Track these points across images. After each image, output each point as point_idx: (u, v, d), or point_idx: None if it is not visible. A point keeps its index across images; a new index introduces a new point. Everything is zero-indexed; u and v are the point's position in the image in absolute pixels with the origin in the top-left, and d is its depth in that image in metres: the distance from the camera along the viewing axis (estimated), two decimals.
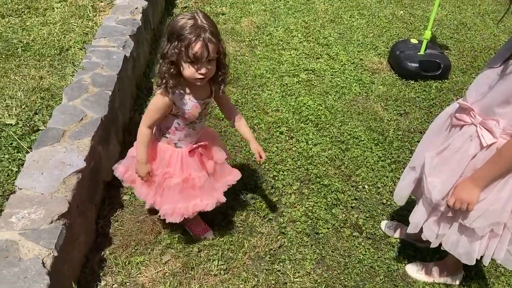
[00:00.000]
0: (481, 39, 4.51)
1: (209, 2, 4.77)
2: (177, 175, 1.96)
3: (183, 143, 1.97)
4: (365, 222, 2.48)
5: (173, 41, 1.64)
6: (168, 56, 1.67)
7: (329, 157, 2.91)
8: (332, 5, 4.90)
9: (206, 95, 1.88)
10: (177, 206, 1.99)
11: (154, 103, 1.82)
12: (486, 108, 1.63)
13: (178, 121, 1.89)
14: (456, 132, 1.77)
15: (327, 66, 3.85)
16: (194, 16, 1.62)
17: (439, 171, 1.79)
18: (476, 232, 1.75)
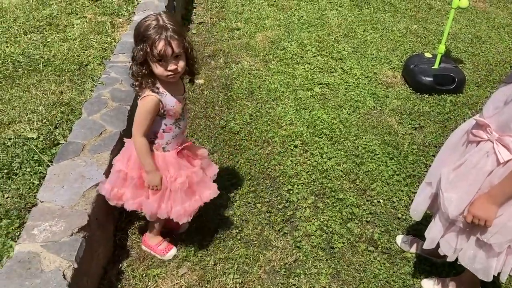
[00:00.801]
0: (496, 53, 4.50)
1: (224, 18, 4.84)
2: (179, 175, 2.00)
3: (171, 146, 2.02)
4: (381, 237, 2.48)
5: (139, 43, 1.74)
6: (136, 58, 1.77)
7: (344, 171, 2.92)
8: (346, 20, 4.94)
9: (182, 90, 1.98)
10: (186, 205, 2.03)
11: (142, 107, 1.87)
12: (502, 125, 1.64)
13: (165, 121, 1.94)
14: (473, 148, 1.77)
15: (341, 80, 3.88)
16: (157, 18, 1.73)
17: (456, 186, 1.80)
18: (494, 248, 1.74)
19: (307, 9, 5.14)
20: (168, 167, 2.00)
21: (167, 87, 1.89)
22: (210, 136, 3.13)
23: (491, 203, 1.66)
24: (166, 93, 1.88)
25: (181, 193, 2.00)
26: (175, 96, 1.91)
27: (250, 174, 2.85)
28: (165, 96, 1.87)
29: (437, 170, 1.95)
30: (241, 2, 5.24)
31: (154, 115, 1.89)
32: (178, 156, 2.04)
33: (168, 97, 1.88)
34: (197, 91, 3.61)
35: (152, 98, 1.84)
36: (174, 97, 1.90)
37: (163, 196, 2.01)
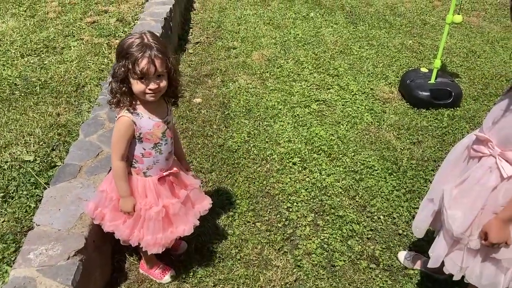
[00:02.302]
0: (492, 66, 4.53)
1: (220, 37, 4.88)
2: (155, 204, 1.93)
3: (152, 171, 1.94)
4: (382, 254, 2.45)
5: (121, 59, 1.70)
6: (117, 75, 1.72)
7: (343, 187, 2.90)
8: (341, 37, 4.98)
9: (165, 113, 1.90)
10: (158, 237, 1.95)
11: (116, 130, 1.81)
12: (504, 140, 1.63)
13: (142, 145, 1.87)
14: (475, 164, 1.76)
15: (338, 96, 3.89)
16: (141, 36, 1.70)
17: (459, 203, 1.77)
18: (503, 263, 1.71)
19: (302, 27, 5.19)
20: (147, 193, 1.93)
21: (147, 108, 1.82)
22: (208, 155, 3.12)
23: (505, 226, 1.63)
24: (143, 114, 1.81)
25: (154, 223, 1.93)
26: (154, 119, 1.84)
27: (249, 192, 2.83)
28: (141, 118, 1.80)
29: (439, 187, 1.93)
30: (237, 21, 5.29)
31: (129, 138, 1.82)
32: (160, 183, 1.95)
33: (145, 120, 1.81)
34: (194, 110, 3.61)
35: (125, 119, 1.78)
36: (153, 119, 1.83)
37: (137, 223, 1.95)
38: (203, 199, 2.17)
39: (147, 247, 1.97)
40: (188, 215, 2.04)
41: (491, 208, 1.67)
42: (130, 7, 4.77)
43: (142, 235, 1.96)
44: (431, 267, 2.01)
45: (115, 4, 4.84)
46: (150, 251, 1.98)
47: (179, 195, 2.02)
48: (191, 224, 2.04)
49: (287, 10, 5.65)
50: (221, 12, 5.54)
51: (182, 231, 2.00)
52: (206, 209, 2.14)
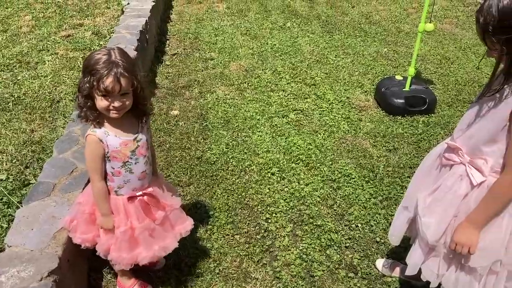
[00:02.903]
0: (465, 73, 4.62)
1: (197, 48, 4.89)
2: (123, 223, 1.90)
3: (124, 191, 1.91)
4: (360, 262, 2.46)
5: (87, 75, 1.68)
6: (82, 90, 1.70)
7: (321, 196, 2.92)
8: (318, 46, 5.04)
9: (135, 130, 1.86)
10: (122, 255, 1.92)
11: (86, 150, 1.80)
12: (473, 148, 1.66)
13: (111, 164, 1.83)
14: (447, 172, 1.79)
15: (315, 105, 3.92)
16: (109, 52, 1.68)
17: (433, 211, 1.80)
18: (478, 271, 1.73)
19: (279, 37, 5.23)
20: (118, 212, 1.91)
21: (114, 126, 1.80)
22: (186, 167, 3.11)
23: (472, 229, 1.65)
24: (109, 132, 1.78)
25: (121, 241, 1.90)
26: (121, 137, 1.81)
27: (228, 204, 2.82)
28: (107, 136, 1.78)
29: (413, 195, 1.95)
30: (214, 32, 5.30)
31: (102, 155, 1.80)
32: (130, 202, 1.91)
33: (111, 137, 1.78)
34: (172, 122, 3.60)
35: (91, 138, 1.77)
36: (120, 138, 1.80)
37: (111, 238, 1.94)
38: (185, 220, 2.12)
39: (112, 263, 1.96)
40: (162, 238, 2.00)
41: (463, 216, 1.70)
42: (106, 20, 4.74)
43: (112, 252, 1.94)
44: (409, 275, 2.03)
45: (90, 17, 4.81)
46: (116, 268, 1.98)
47: (155, 216, 1.98)
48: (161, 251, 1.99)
49: (264, 21, 5.70)
50: (198, 23, 5.55)
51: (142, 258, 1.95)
52: (187, 230, 2.11)
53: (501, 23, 1.38)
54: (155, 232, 1.99)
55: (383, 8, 6.33)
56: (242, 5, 6.19)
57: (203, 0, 6.32)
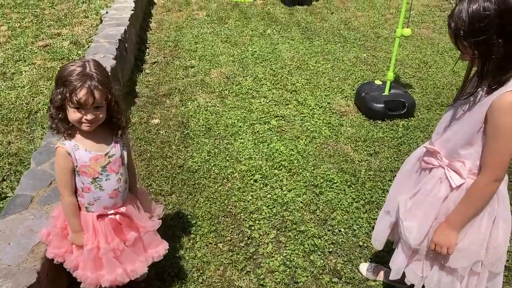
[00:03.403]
0: (442, 76, 4.70)
1: (178, 56, 4.87)
2: (90, 242, 1.84)
3: (94, 208, 1.84)
4: (344, 267, 2.47)
5: (60, 86, 1.64)
6: (54, 101, 1.66)
7: (304, 202, 2.92)
8: (298, 52, 5.07)
9: (107, 146, 1.81)
10: (86, 274, 1.86)
11: (56, 164, 1.75)
12: (451, 151, 1.69)
13: (80, 179, 1.77)
14: (426, 175, 1.81)
15: (297, 111, 3.94)
16: (84, 64, 1.65)
17: (414, 215, 1.82)
18: (459, 272, 1.75)
19: (260, 44, 5.25)
20: (87, 229, 1.85)
21: (86, 138, 1.75)
22: (167, 176, 3.08)
23: (451, 230, 1.68)
24: (79, 146, 1.73)
25: (88, 260, 1.84)
26: (92, 152, 1.75)
27: (210, 213, 2.80)
28: (77, 150, 1.72)
29: (394, 199, 1.97)
30: (194, 40, 5.30)
31: (71, 169, 1.74)
32: (101, 220, 1.85)
33: (81, 151, 1.73)
34: (152, 131, 3.57)
35: (60, 150, 1.71)
36: (90, 152, 1.75)
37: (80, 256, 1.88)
38: (159, 244, 2.05)
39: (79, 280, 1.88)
40: (132, 261, 1.93)
41: (444, 218, 1.72)
42: (84, 29, 4.70)
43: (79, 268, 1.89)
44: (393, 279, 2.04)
45: (68, 27, 4.75)
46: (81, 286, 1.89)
47: (126, 237, 1.92)
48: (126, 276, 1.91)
49: (244, 28, 5.71)
50: (177, 31, 5.54)
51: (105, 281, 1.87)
52: (160, 255, 2.03)
53: (471, 27, 1.41)
54: (124, 254, 1.91)
55: (362, 14, 6.41)
56: (222, 12, 6.21)
57: (183, 8, 6.32)
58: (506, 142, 1.47)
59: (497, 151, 1.50)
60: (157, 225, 2.05)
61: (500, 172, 1.54)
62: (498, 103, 1.44)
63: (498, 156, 1.51)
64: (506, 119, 1.44)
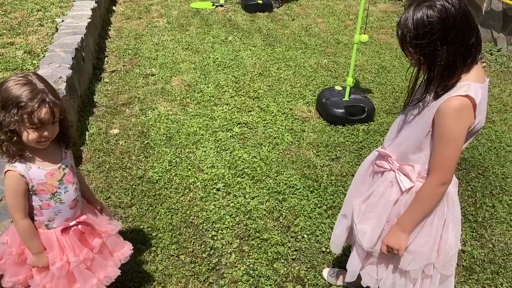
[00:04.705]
0: (401, 80, 4.81)
1: (138, 64, 4.79)
2: (59, 258, 1.78)
3: (56, 223, 1.79)
4: (307, 273, 2.47)
5: (11, 108, 1.53)
6: (6, 125, 1.55)
7: (267, 209, 2.91)
8: (260, 59, 5.08)
9: (59, 158, 1.76)
10: None
11: (6, 187, 1.64)
12: (402, 155, 1.72)
13: (38, 197, 1.71)
14: (379, 178, 1.84)
15: (259, 118, 3.94)
16: (30, 80, 1.56)
17: (368, 218, 1.84)
18: (411, 274, 1.78)
19: (221, 51, 5.23)
20: (52, 247, 1.78)
21: (37, 157, 1.68)
22: (127, 188, 3.01)
23: (401, 232, 1.70)
24: (31, 165, 1.66)
25: (57, 280, 1.78)
26: (45, 168, 1.69)
27: (172, 224, 2.75)
28: (29, 170, 1.65)
29: (350, 202, 1.99)
30: (155, 47, 5.23)
31: (24, 192, 1.66)
32: (64, 234, 1.80)
33: (34, 170, 1.66)
34: (111, 141, 3.48)
35: (12, 174, 1.62)
36: (44, 169, 1.69)
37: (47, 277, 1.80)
38: (123, 245, 2.03)
39: None
40: (102, 267, 1.90)
41: (395, 220, 1.75)
42: (39, 38, 4.55)
43: None
44: (349, 281, 2.06)
45: (22, 36, 4.59)
46: None
47: (92, 245, 1.88)
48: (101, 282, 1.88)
49: (205, 35, 5.68)
50: (137, 39, 5.45)
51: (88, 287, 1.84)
52: (126, 256, 2.02)
53: (416, 34, 1.45)
54: (95, 262, 1.88)
55: (322, 20, 6.50)
56: (182, 19, 6.16)
57: (143, 16, 6.23)
58: (452, 146, 1.51)
59: (444, 155, 1.54)
60: (117, 227, 2.02)
61: (448, 175, 1.57)
62: (444, 108, 1.48)
63: (445, 159, 1.54)
64: (452, 124, 1.48)
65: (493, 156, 3.54)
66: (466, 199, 3.06)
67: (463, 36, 1.43)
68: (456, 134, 1.49)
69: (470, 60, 1.47)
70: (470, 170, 3.37)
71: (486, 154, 3.57)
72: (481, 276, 2.49)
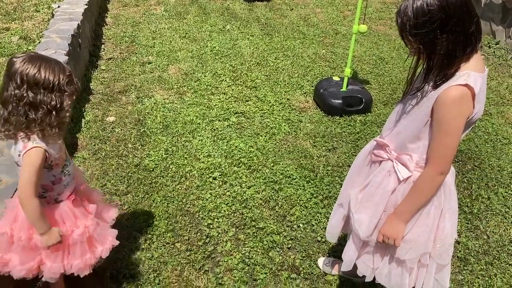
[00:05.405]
0: (399, 72, 4.80)
1: (134, 52, 4.75)
2: (76, 226, 1.85)
3: (63, 196, 1.85)
4: (302, 262, 2.47)
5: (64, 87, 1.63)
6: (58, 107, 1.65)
7: (263, 198, 2.91)
8: (258, 49, 5.05)
9: None
10: (86, 258, 1.87)
11: (30, 165, 1.64)
12: (400, 144, 1.71)
13: (53, 172, 1.77)
14: (376, 168, 1.83)
15: (256, 108, 3.92)
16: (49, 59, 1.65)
17: (365, 207, 1.84)
18: (407, 263, 1.79)
19: (219, 40, 5.19)
20: (64, 219, 1.83)
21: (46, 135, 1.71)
22: (123, 176, 3.00)
23: (398, 222, 1.70)
24: (47, 141, 1.69)
25: (81, 246, 1.84)
26: (55, 143, 1.74)
27: (168, 212, 2.75)
28: (48, 144, 1.69)
29: (347, 192, 1.99)
30: (152, 35, 5.18)
31: (42, 168, 1.69)
32: (73, 205, 1.86)
33: (50, 146, 1.70)
34: (107, 129, 3.46)
35: (39, 150, 1.65)
36: (54, 143, 1.73)
37: (62, 253, 1.83)
38: (109, 209, 2.12)
39: (79, 272, 1.87)
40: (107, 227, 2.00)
41: (392, 210, 1.75)
42: (35, 24, 4.50)
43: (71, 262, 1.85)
44: (346, 271, 2.06)
45: (18, 21, 4.54)
46: (83, 274, 1.88)
47: (89, 210, 1.95)
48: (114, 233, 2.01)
49: (203, 23, 5.64)
50: (134, 26, 5.40)
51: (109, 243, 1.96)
52: (113, 218, 2.10)
53: (416, 23, 1.44)
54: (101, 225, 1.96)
55: (321, 10, 6.47)
56: (180, 7, 6.10)
57: (140, 3, 6.17)
58: (450, 135, 1.51)
59: (442, 145, 1.53)
60: (100, 193, 2.16)
61: (445, 165, 1.57)
62: (442, 97, 1.47)
63: (443, 149, 1.54)
64: (451, 113, 1.47)
65: (490, 149, 3.55)
66: (462, 190, 3.07)
67: (463, 24, 1.42)
68: (455, 124, 1.48)
69: (470, 49, 1.46)
70: (466, 162, 3.37)
71: (482, 146, 3.58)
72: (475, 267, 2.51)
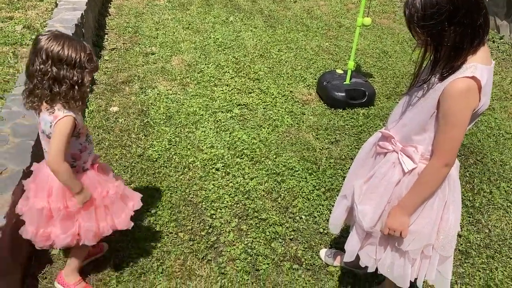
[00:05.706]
0: (402, 66, 4.79)
1: (138, 42, 4.74)
2: (108, 188, 1.97)
3: (88, 164, 1.96)
4: (304, 253, 2.49)
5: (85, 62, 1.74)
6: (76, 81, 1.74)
7: (266, 190, 2.93)
8: (261, 41, 5.04)
9: None
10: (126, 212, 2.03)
11: (61, 133, 1.76)
12: (405, 136, 1.72)
13: (79, 141, 1.88)
14: (381, 159, 1.84)
15: (259, 100, 3.92)
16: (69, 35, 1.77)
17: (369, 198, 1.85)
18: (410, 254, 1.79)
19: (222, 31, 5.18)
20: (95, 185, 1.94)
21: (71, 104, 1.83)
22: (126, 166, 3.01)
23: (403, 214, 1.71)
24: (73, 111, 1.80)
25: (117, 203, 1.99)
26: (78, 113, 1.85)
27: (171, 202, 2.76)
28: (76, 114, 1.80)
29: (350, 183, 2.00)
30: (155, 26, 5.17)
31: (71, 137, 1.81)
32: (98, 170, 1.99)
33: (77, 116, 1.82)
34: (111, 119, 3.47)
35: (71, 119, 1.76)
36: (78, 114, 1.84)
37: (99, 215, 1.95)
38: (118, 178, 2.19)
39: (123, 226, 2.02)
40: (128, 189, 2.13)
41: (396, 201, 1.76)
42: (39, 13, 4.49)
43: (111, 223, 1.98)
44: (348, 262, 2.08)
45: (21, 10, 4.53)
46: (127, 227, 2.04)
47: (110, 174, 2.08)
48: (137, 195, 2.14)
49: (206, 15, 5.63)
50: (138, 17, 5.39)
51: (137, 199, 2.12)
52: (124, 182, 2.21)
53: (423, 14, 1.44)
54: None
55: (324, 3, 6.44)
56: None
57: None
58: (456, 128, 1.51)
59: (448, 137, 1.54)
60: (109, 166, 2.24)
61: (451, 157, 1.58)
62: (449, 90, 1.47)
63: (449, 141, 1.54)
64: (456, 105, 1.48)
65: (492, 143, 3.56)
66: (464, 184, 3.08)
67: (472, 16, 1.42)
68: (461, 116, 1.49)
69: (477, 42, 1.46)
70: (468, 156, 3.38)
71: (485, 140, 3.58)
72: (476, 260, 2.52)
